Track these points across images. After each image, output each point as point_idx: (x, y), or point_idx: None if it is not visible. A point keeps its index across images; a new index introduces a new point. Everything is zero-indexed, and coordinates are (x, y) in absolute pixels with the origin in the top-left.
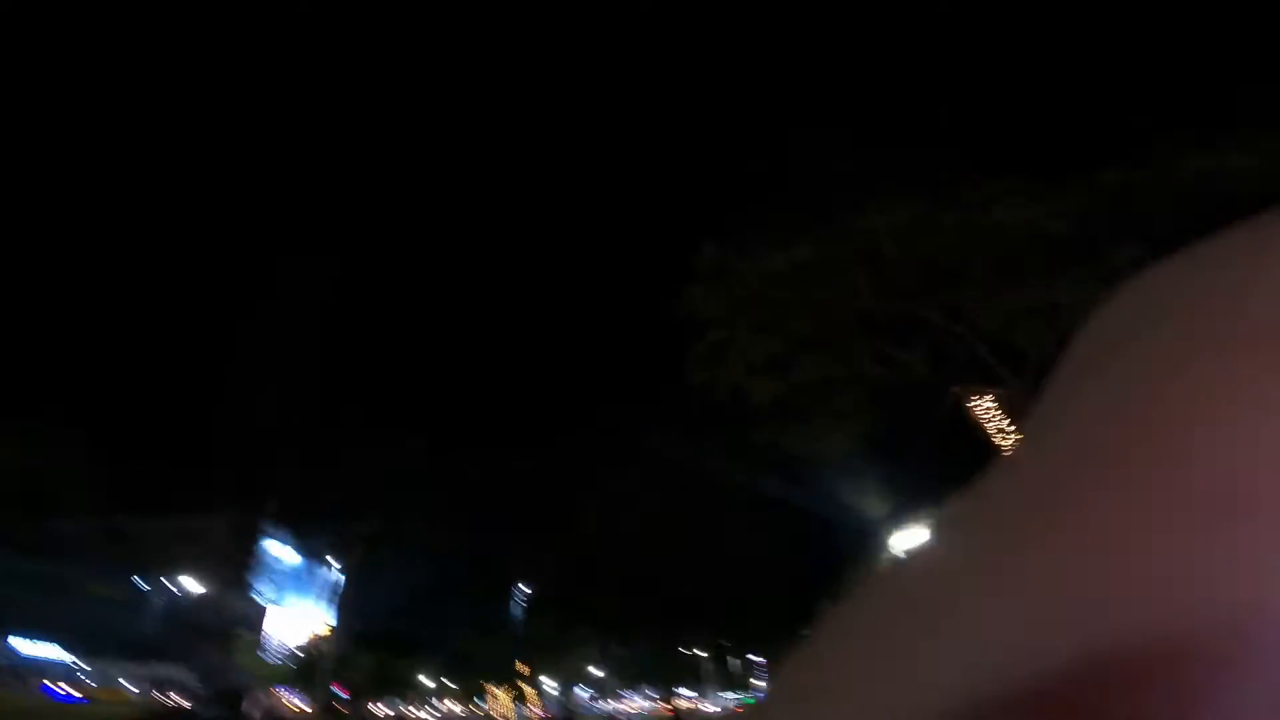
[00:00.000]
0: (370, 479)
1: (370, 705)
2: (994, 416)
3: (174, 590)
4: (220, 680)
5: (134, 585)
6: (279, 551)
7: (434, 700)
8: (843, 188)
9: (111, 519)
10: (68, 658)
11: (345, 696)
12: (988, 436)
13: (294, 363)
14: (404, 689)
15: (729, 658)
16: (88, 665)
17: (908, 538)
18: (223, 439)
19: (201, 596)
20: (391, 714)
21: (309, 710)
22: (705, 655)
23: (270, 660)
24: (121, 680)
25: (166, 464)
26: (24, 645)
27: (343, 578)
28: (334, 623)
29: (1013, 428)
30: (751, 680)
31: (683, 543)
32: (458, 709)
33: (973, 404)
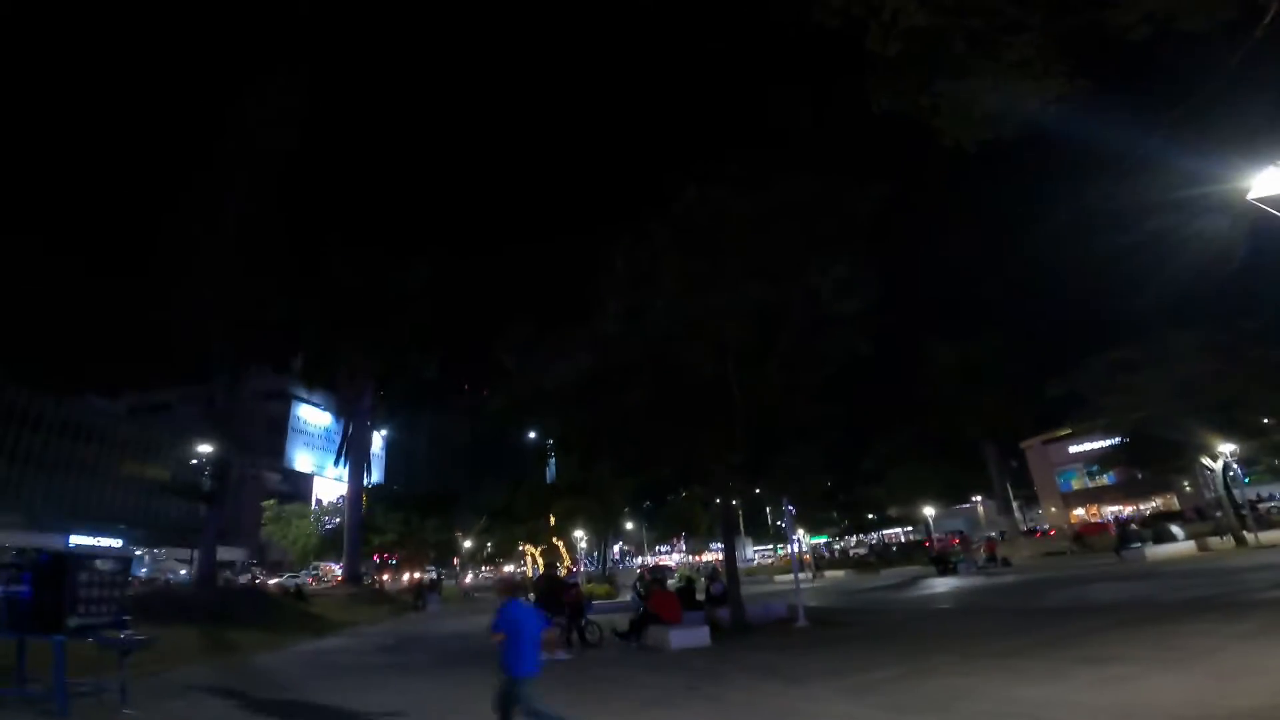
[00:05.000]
0: (388, 317)
1: (408, 572)
2: None
3: (214, 467)
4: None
5: (178, 465)
6: (309, 414)
7: (480, 568)
8: None
9: (145, 394)
10: (129, 549)
11: (384, 563)
12: None
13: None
14: (439, 552)
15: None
16: (143, 554)
17: None
18: (236, 294)
19: (239, 471)
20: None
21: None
22: (735, 504)
23: (312, 531)
24: (179, 566)
25: (182, 328)
26: (83, 540)
27: (371, 436)
28: (361, 485)
29: None
30: (783, 531)
31: (715, 351)
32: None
33: None
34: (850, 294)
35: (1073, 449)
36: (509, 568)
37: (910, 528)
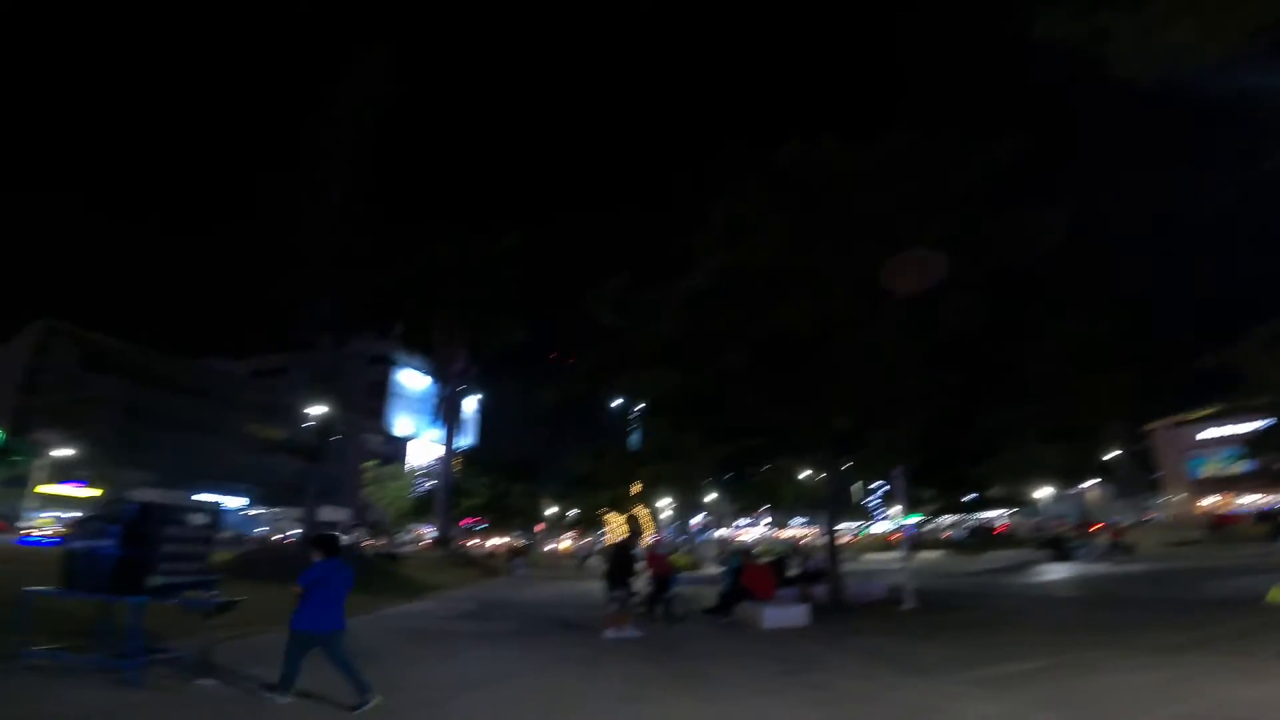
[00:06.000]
0: (480, 281)
1: (494, 537)
2: None
3: (322, 429)
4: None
5: (293, 425)
6: (409, 378)
7: (562, 534)
8: None
9: (265, 357)
10: (249, 507)
11: (472, 528)
12: None
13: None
14: (524, 518)
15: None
16: (261, 511)
17: None
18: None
19: (344, 432)
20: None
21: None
22: (823, 477)
23: (406, 493)
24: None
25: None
26: (208, 498)
27: (463, 400)
28: (452, 449)
29: None
30: (868, 508)
31: (818, 312)
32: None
33: None
34: (972, 256)
35: (1207, 433)
36: (586, 538)
37: (1009, 510)
